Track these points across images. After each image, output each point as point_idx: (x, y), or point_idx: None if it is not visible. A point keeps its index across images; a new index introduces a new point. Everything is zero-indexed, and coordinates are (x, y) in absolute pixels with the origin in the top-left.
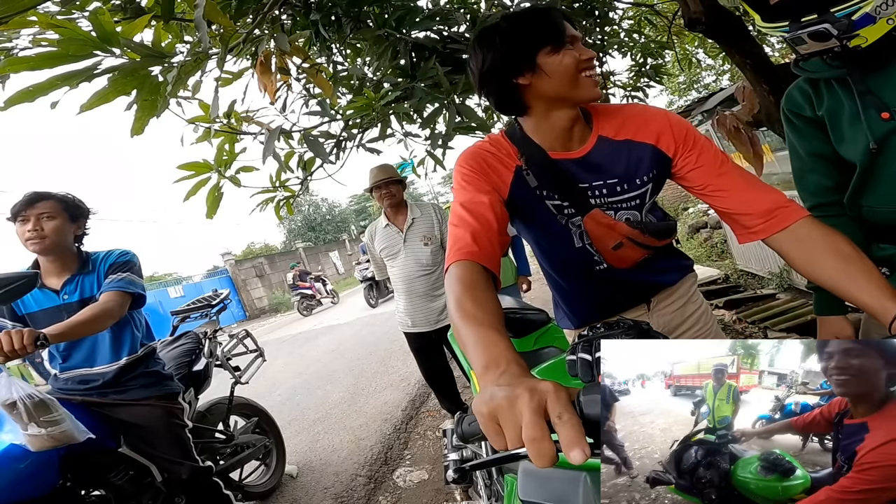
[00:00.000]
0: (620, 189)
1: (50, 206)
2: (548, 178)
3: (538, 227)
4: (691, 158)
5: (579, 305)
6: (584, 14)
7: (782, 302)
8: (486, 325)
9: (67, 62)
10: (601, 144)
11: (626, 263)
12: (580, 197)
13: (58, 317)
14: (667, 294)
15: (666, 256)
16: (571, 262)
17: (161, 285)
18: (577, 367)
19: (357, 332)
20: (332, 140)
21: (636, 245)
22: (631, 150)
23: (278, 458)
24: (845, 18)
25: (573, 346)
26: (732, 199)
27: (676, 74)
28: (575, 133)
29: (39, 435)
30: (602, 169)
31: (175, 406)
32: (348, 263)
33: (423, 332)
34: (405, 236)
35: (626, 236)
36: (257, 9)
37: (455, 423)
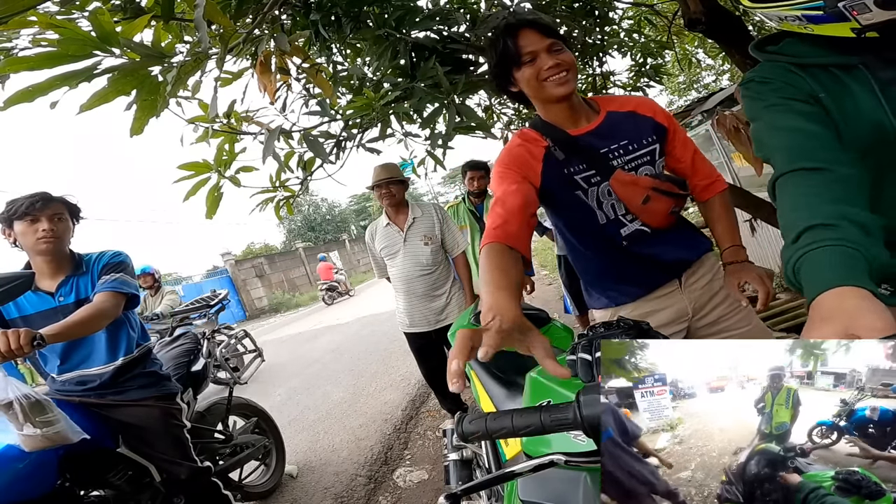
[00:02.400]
0: (632, 148)
1: (60, 207)
2: (572, 151)
3: (570, 207)
4: (678, 135)
5: (614, 282)
6: (584, 14)
7: (782, 302)
8: (501, 287)
9: (67, 62)
10: (610, 117)
11: (658, 217)
12: (602, 161)
13: (54, 319)
14: (693, 270)
15: (685, 230)
16: (600, 237)
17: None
18: (578, 367)
19: (357, 332)
20: (332, 140)
21: (661, 194)
22: (636, 119)
23: (278, 458)
24: None
25: (573, 346)
26: (692, 171)
27: (676, 74)
28: (581, 114)
29: (34, 435)
30: (614, 134)
31: (173, 406)
32: (348, 263)
33: (422, 332)
34: (405, 236)
35: (650, 188)
36: (257, 9)
37: (455, 423)
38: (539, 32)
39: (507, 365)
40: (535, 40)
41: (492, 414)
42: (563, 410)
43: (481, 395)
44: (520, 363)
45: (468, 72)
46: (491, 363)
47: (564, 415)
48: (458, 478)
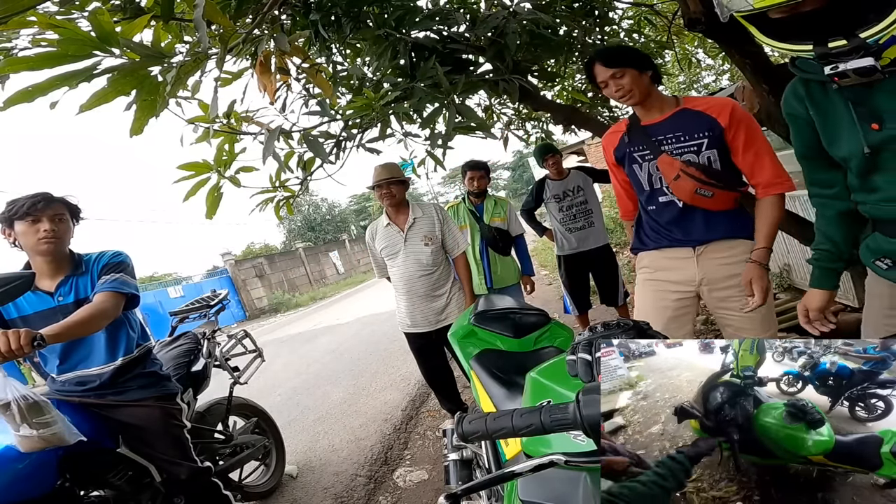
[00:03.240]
0: (684, 139)
1: (61, 208)
2: (635, 135)
3: (631, 175)
4: (740, 136)
5: (644, 234)
6: (584, 14)
7: (782, 302)
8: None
9: (67, 62)
10: (680, 113)
11: (685, 193)
12: (654, 145)
13: (53, 319)
14: (711, 248)
15: (719, 214)
16: (645, 199)
17: (161, 285)
18: (578, 367)
19: (357, 332)
20: (331, 140)
21: (688, 177)
22: (699, 116)
23: (278, 459)
24: (875, 44)
25: (573, 346)
26: (751, 172)
27: (676, 74)
28: (656, 108)
29: (31, 436)
30: (673, 126)
31: (173, 406)
32: (348, 263)
33: (423, 332)
34: (406, 236)
35: (681, 170)
36: (257, 9)
37: (455, 423)
38: (603, 65)
39: (507, 365)
40: (601, 71)
41: (492, 414)
42: (563, 410)
43: (481, 395)
44: (520, 363)
45: (468, 72)
46: (491, 363)
47: (564, 415)
48: (458, 478)
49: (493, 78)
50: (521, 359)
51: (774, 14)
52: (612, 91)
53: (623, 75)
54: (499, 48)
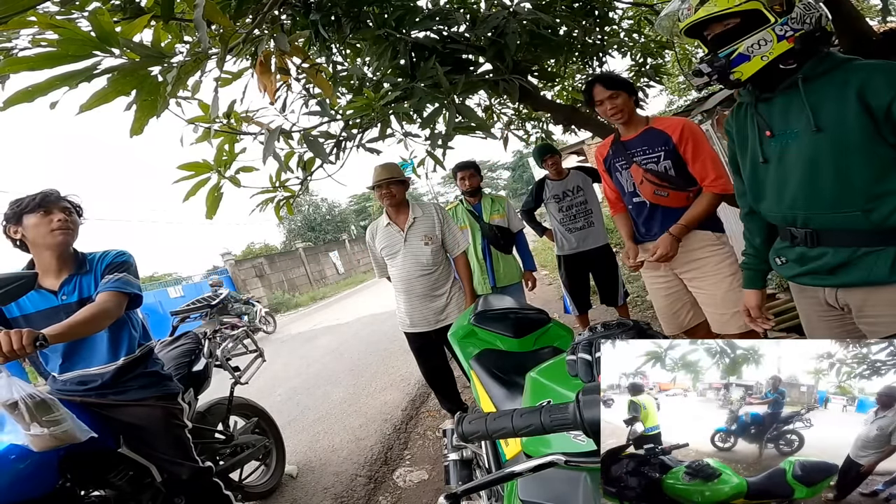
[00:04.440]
0: (648, 151)
1: (68, 204)
2: (617, 148)
3: (615, 181)
4: (688, 149)
5: (635, 227)
6: (584, 14)
7: (782, 302)
8: (628, 238)
9: (67, 62)
10: (648, 130)
11: (647, 194)
12: (628, 156)
13: (56, 318)
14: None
15: (682, 209)
16: (626, 201)
17: (161, 285)
18: (578, 367)
19: (357, 332)
20: (331, 140)
21: (648, 182)
22: (659, 134)
23: (278, 459)
24: (724, 58)
25: (573, 347)
26: (698, 175)
27: (676, 74)
28: (633, 126)
29: (42, 435)
30: (642, 141)
31: (174, 406)
32: (348, 263)
33: (423, 332)
34: (406, 236)
35: (643, 176)
36: (257, 9)
37: (455, 423)
38: (604, 86)
39: (507, 365)
40: (600, 91)
41: (492, 414)
42: (563, 410)
43: (481, 395)
44: (520, 363)
45: (468, 72)
46: (491, 363)
47: (564, 415)
48: (458, 478)
49: (493, 78)
50: (521, 359)
51: (705, 31)
52: (607, 108)
53: (618, 97)
54: (499, 48)
